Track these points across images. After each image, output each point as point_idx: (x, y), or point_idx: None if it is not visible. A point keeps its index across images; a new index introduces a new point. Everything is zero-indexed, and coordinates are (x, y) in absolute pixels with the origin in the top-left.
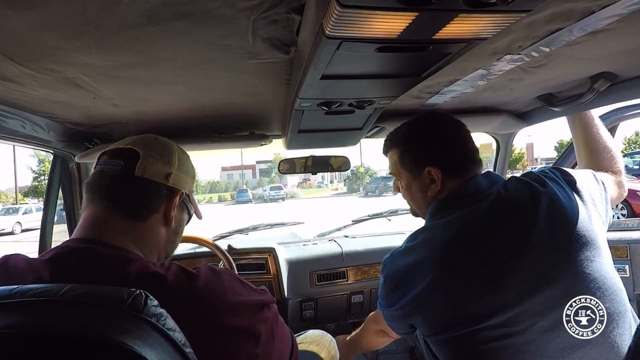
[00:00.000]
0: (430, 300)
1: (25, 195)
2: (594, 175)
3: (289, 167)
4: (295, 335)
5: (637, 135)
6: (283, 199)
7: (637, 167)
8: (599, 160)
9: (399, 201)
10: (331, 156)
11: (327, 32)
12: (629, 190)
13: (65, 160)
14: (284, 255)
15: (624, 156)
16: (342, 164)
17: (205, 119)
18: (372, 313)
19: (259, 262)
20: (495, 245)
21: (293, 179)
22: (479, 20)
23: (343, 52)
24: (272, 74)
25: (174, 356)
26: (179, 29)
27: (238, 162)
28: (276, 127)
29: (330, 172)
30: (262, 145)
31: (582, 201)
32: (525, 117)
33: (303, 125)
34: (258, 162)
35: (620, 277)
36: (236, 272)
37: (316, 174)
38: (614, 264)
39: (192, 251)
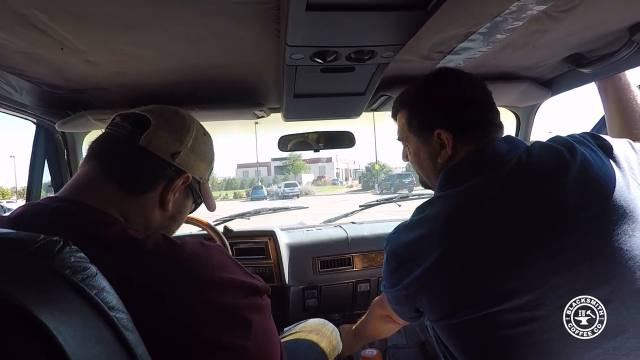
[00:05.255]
0: (436, 279)
1: None
2: (631, 144)
3: (289, 143)
4: (294, 324)
5: None
6: (297, 195)
7: None
8: (635, 129)
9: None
10: (334, 131)
11: None
12: None
13: (49, 131)
14: (285, 240)
15: None
16: (346, 140)
17: (194, 84)
18: (377, 297)
19: (258, 246)
20: (515, 218)
21: (307, 176)
22: None
23: None
24: (258, 22)
25: (88, 319)
26: None
27: (253, 159)
28: (272, 98)
29: (332, 148)
30: (259, 117)
31: (619, 168)
32: (551, 84)
33: (298, 88)
34: (273, 160)
35: None
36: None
37: (318, 151)
38: None
39: (189, 233)
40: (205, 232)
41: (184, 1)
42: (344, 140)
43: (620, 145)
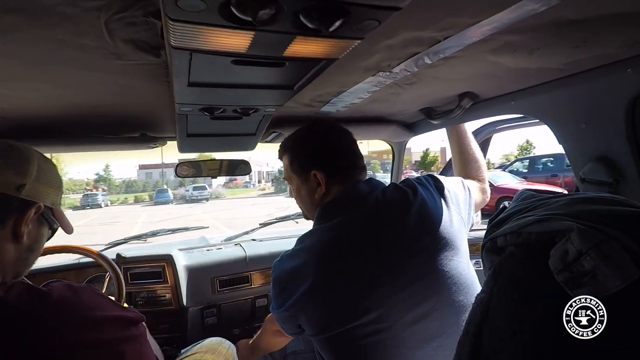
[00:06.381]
0: (310, 301)
1: None
2: (462, 182)
3: (186, 170)
4: (192, 345)
5: (527, 142)
6: (207, 199)
7: (526, 170)
8: (468, 169)
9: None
10: (230, 160)
11: (172, 42)
12: (516, 191)
13: None
14: (183, 262)
15: (516, 161)
16: (241, 168)
17: (86, 118)
18: (269, 314)
19: (155, 270)
20: (371, 249)
21: (218, 179)
22: (320, 42)
23: (199, 62)
24: (150, 76)
25: None
26: (14, 24)
27: (158, 160)
28: (168, 129)
29: (228, 175)
30: (154, 147)
31: (447, 205)
32: (412, 127)
33: (191, 129)
34: (181, 161)
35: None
36: (124, 284)
37: (216, 177)
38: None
39: (76, 262)
40: (93, 260)
41: (67, 61)
42: (240, 168)
43: (452, 185)
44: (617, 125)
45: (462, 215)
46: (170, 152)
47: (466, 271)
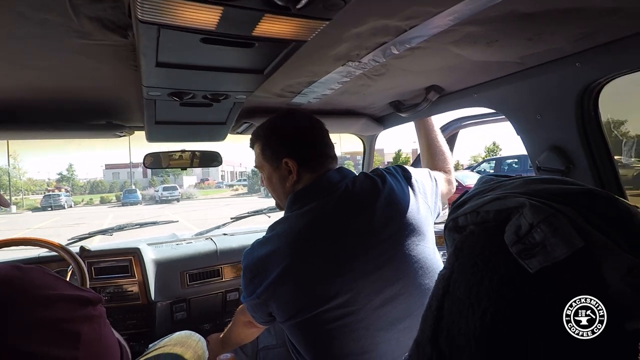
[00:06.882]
0: (282, 286)
1: None
2: (429, 173)
3: (153, 161)
4: (160, 339)
5: (494, 144)
6: (178, 199)
7: (492, 171)
8: (435, 160)
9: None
10: (200, 151)
11: (139, 16)
12: None
13: None
14: (151, 256)
15: (483, 162)
16: (212, 160)
17: (47, 102)
18: (240, 306)
19: (121, 264)
20: (341, 235)
21: (190, 179)
22: (288, 22)
23: (167, 39)
24: (115, 58)
25: None
26: None
27: (125, 160)
28: (135, 117)
29: (199, 167)
30: (120, 136)
31: (414, 194)
32: (382, 121)
33: (159, 116)
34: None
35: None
36: (87, 278)
37: (185, 169)
38: (441, 249)
39: (37, 256)
40: (55, 253)
41: (26, 37)
42: (211, 160)
43: (420, 175)
44: (568, 116)
45: (428, 203)
46: (138, 148)
47: (432, 256)
